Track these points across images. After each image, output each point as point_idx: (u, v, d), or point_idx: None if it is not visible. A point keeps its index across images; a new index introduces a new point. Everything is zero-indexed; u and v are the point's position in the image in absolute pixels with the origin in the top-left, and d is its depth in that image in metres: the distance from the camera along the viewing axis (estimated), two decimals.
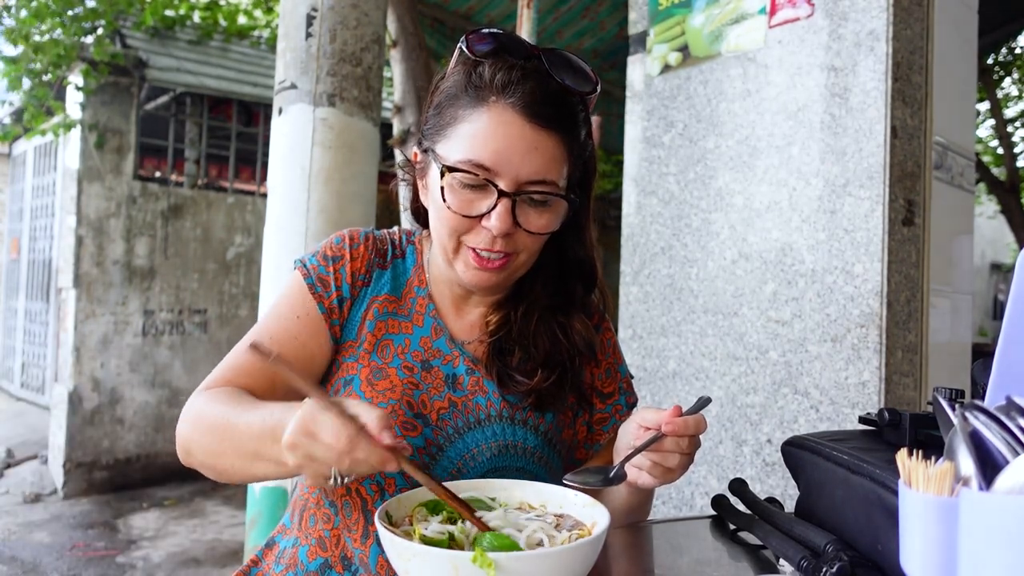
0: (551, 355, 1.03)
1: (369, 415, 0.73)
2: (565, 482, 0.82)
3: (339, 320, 1.01)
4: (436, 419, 0.99)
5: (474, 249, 0.94)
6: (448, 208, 0.92)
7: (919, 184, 1.82)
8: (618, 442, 0.92)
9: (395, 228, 1.12)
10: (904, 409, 0.86)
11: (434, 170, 0.95)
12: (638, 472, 0.86)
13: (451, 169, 0.91)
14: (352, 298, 1.02)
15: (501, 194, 0.90)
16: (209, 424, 0.87)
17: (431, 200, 0.98)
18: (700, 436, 0.87)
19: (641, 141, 2.28)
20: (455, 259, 0.97)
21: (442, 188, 0.92)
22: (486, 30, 0.94)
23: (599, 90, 0.97)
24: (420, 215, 1.09)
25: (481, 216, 0.92)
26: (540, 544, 0.70)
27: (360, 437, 0.71)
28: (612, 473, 0.84)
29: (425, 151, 0.99)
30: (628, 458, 0.85)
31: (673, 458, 0.85)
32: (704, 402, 0.91)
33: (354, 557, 0.97)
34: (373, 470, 0.73)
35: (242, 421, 0.83)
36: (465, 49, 0.94)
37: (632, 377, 1.19)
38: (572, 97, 0.95)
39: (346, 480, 0.75)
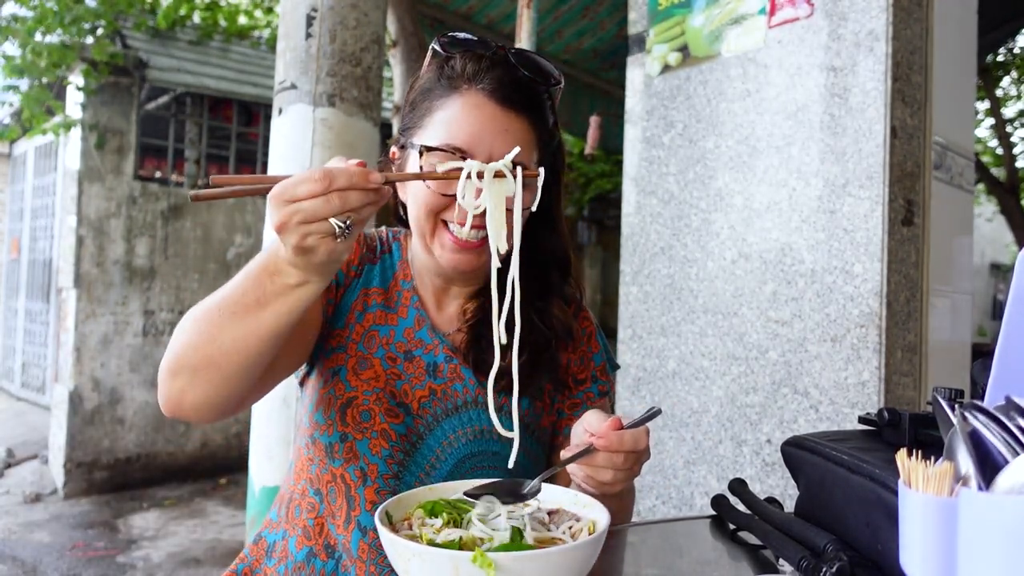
0: (525, 338, 1.03)
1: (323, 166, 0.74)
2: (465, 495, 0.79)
3: (333, 299, 1.04)
4: (417, 408, 1.02)
5: (451, 232, 0.97)
6: (427, 187, 0.95)
7: (919, 184, 1.82)
8: (570, 439, 0.90)
9: (382, 227, 1.16)
10: (904, 409, 0.86)
11: (413, 156, 0.99)
12: (577, 482, 0.86)
13: (429, 149, 0.95)
14: (345, 286, 1.06)
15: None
16: (198, 315, 0.84)
17: (409, 189, 1.02)
18: (647, 449, 0.84)
19: (641, 141, 2.28)
20: (432, 242, 0.99)
21: (420, 168, 0.96)
22: (455, 33, 1.01)
23: (562, 85, 1.03)
24: (399, 214, 1.13)
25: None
26: (547, 541, 0.70)
27: (330, 169, 0.71)
28: (526, 489, 0.78)
29: (403, 147, 1.03)
30: (547, 474, 0.82)
31: (606, 473, 0.82)
32: (653, 414, 0.87)
33: (337, 544, 1.00)
34: (365, 197, 0.72)
35: (232, 284, 0.82)
36: (437, 48, 1.00)
37: (617, 367, 1.21)
38: (538, 87, 1.00)
39: (350, 223, 0.73)
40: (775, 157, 1.91)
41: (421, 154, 0.95)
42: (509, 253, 0.99)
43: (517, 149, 0.89)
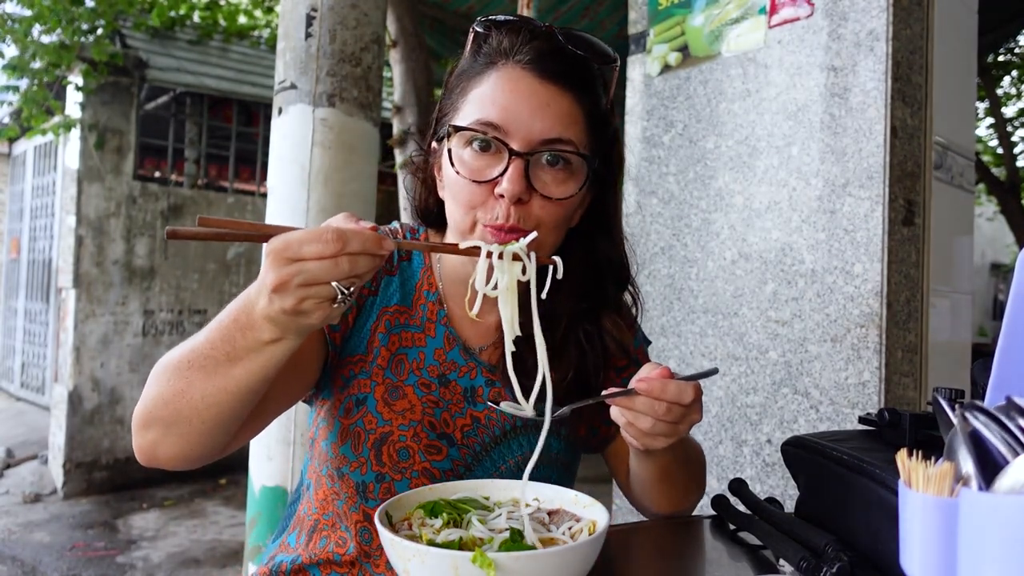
0: (578, 366, 0.98)
1: (328, 223, 0.69)
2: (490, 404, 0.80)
3: (340, 328, 0.95)
4: (461, 437, 0.94)
5: (489, 227, 0.86)
6: (458, 173, 0.86)
7: (919, 184, 1.82)
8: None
9: (396, 224, 1.04)
10: (904, 409, 0.86)
11: (445, 145, 0.89)
12: (623, 435, 0.83)
13: (457, 129, 0.86)
14: (359, 307, 0.95)
15: (513, 154, 0.84)
16: (169, 365, 0.77)
17: (446, 181, 0.92)
18: (696, 408, 0.80)
19: (641, 141, 2.28)
20: (474, 236, 0.89)
21: (449, 151, 0.87)
22: (496, 16, 0.92)
23: (618, 64, 0.92)
24: (430, 213, 1.03)
25: (494, 182, 0.85)
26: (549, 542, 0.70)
27: (344, 230, 0.65)
28: (556, 413, 0.80)
29: (440, 139, 0.93)
30: (576, 405, 0.81)
31: (645, 420, 0.78)
32: (708, 372, 0.86)
33: None
34: (373, 262, 0.67)
35: (202, 335, 0.76)
36: (479, 29, 0.92)
37: (648, 342, 1.17)
38: (587, 63, 0.90)
39: (352, 291, 0.68)
40: (775, 157, 1.91)
41: (449, 135, 0.87)
42: (553, 250, 0.91)
43: (533, 235, 0.80)
